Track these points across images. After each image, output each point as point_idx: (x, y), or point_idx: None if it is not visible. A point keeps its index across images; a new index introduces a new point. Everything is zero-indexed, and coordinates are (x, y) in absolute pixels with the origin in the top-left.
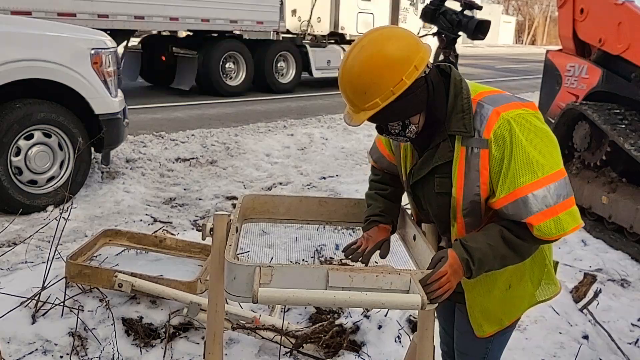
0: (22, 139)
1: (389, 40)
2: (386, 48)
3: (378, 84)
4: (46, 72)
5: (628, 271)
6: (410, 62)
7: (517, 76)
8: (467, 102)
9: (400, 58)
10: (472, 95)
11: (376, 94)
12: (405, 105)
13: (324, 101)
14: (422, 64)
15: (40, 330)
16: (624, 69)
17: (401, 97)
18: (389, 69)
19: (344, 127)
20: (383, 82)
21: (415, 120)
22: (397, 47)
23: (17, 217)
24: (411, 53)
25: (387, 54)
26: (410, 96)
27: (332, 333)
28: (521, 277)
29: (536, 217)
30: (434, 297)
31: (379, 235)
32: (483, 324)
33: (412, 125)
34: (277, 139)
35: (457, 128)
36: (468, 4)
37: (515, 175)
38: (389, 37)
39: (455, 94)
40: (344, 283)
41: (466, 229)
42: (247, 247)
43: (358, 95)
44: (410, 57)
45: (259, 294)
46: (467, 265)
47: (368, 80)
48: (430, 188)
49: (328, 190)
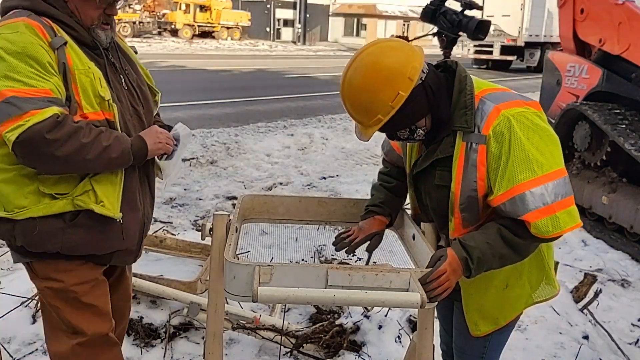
0: None
1: (379, 57)
2: (380, 65)
3: (376, 101)
4: None
5: (628, 271)
6: (403, 74)
7: (518, 76)
8: (470, 98)
9: (393, 73)
10: (476, 92)
11: (376, 111)
12: (407, 114)
13: (324, 101)
14: (416, 74)
15: (41, 330)
16: (624, 69)
17: (401, 108)
18: (384, 86)
19: (344, 127)
20: (380, 99)
21: (421, 124)
22: (388, 63)
23: None
24: (402, 66)
25: (380, 71)
26: (411, 105)
27: (332, 333)
28: (519, 276)
29: (533, 214)
30: (434, 295)
31: (372, 226)
32: (479, 322)
33: (419, 129)
34: (278, 139)
35: (459, 123)
36: (468, 4)
37: (514, 172)
38: (378, 54)
39: (460, 90)
40: (343, 282)
41: (463, 224)
42: (247, 247)
43: (360, 114)
44: (402, 70)
45: (258, 293)
46: (466, 264)
47: (366, 99)
48: (431, 180)
49: (328, 190)
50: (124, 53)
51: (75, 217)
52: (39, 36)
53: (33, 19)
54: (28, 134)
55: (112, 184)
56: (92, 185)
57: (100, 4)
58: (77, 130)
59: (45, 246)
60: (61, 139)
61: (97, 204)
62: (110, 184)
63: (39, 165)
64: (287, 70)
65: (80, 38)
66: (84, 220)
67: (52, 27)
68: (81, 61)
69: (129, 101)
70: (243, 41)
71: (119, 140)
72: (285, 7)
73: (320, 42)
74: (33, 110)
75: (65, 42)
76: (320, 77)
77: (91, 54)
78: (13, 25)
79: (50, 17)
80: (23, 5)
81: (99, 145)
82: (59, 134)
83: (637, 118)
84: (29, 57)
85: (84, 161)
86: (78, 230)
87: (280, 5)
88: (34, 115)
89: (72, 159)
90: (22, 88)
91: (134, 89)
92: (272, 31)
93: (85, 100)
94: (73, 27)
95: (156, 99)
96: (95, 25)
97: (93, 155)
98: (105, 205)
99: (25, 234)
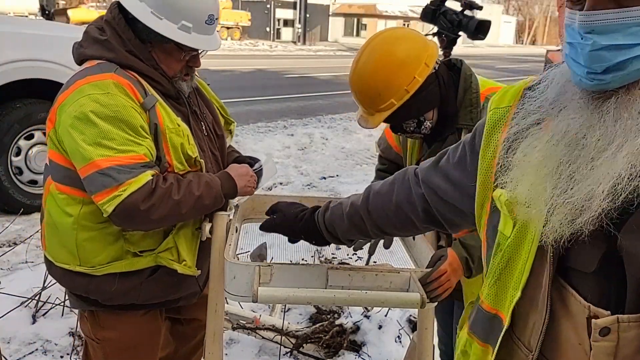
0: (22, 139)
1: (397, 40)
2: (396, 48)
3: (392, 84)
4: (47, 72)
5: None
6: (420, 59)
7: (518, 76)
8: (476, 97)
9: (411, 57)
10: (481, 90)
11: (391, 94)
12: (419, 102)
13: (324, 101)
14: (432, 61)
15: (41, 330)
16: None
17: (415, 94)
18: (401, 69)
19: (344, 127)
20: (397, 81)
21: (429, 117)
22: (406, 47)
23: (17, 217)
24: (420, 51)
25: (398, 54)
26: (424, 93)
27: (332, 333)
28: None
29: None
30: (434, 295)
31: None
32: None
33: (427, 122)
34: (278, 139)
35: (465, 121)
36: (468, 4)
37: None
38: (396, 37)
39: (465, 88)
40: (343, 282)
41: None
42: (247, 247)
43: (372, 97)
44: (419, 55)
45: (259, 293)
46: (466, 264)
47: (382, 81)
48: None
49: (328, 191)
50: (200, 92)
51: (154, 271)
52: (130, 97)
53: (121, 75)
54: (124, 205)
55: (191, 239)
56: (175, 242)
57: (185, 57)
58: (167, 190)
59: (122, 300)
60: (156, 204)
61: (180, 263)
62: (189, 239)
63: (135, 229)
64: (287, 70)
65: (165, 91)
66: (163, 275)
67: (141, 84)
68: (171, 119)
69: (209, 149)
70: (243, 41)
71: (210, 186)
72: (285, 7)
73: (320, 42)
74: (130, 179)
75: (156, 101)
76: (320, 77)
77: (175, 104)
78: (101, 84)
79: (137, 72)
80: (107, 57)
81: (192, 198)
82: (153, 200)
83: None
84: (122, 122)
85: (179, 215)
86: (157, 283)
87: (280, 5)
88: (129, 184)
89: (168, 218)
90: (117, 156)
91: (212, 133)
92: (272, 31)
93: (176, 159)
94: (159, 81)
95: (230, 128)
96: (178, 77)
97: (187, 208)
98: (187, 264)
99: (102, 290)
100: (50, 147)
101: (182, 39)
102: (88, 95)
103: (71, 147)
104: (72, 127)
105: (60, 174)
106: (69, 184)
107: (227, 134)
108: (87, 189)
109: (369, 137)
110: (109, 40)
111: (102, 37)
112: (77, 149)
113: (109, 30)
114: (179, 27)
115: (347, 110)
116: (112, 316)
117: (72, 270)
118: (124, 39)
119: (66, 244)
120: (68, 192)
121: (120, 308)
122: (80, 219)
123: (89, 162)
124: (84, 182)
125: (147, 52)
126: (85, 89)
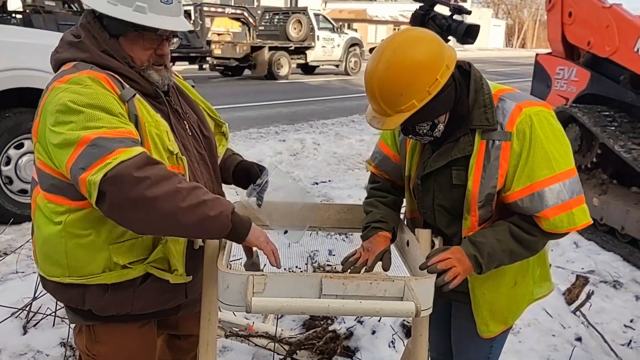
0: (12, 148)
1: (419, 42)
2: (418, 49)
3: (415, 85)
4: (37, 81)
5: (620, 272)
6: (442, 61)
7: (508, 79)
8: (489, 97)
9: (433, 58)
10: (493, 91)
11: (413, 95)
12: (438, 104)
13: (315, 106)
14: (452, 63)
15: (32, 340)
16: (612, 71)
17: (436, 96)
18: (424, 70)
19: (336, 132)
20: (420, 82)
21: (442, 119)
22: (428, 48)
23: (7, 227)
24: (441, 52)
25: (421, 55)
26: (443, 95)
27: (325, 339)
28: (525, 274)
29: (551, 210)
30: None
31: (378, 245)
32: (490, 323)
33: (440, 124)
34: (270, 145)
35: (480, 122)
36: (457, 9)
37: (533, 169)
38: (418, 39)
39: (476, 90)
40: (337, 291)
41: (479, 222)
42: (240, 254)
43: (393, 98)
44: (441, 57)
45: (252, 304)
46: (475, 260)
47: (405, 81)
48: (446, 180)
49: (321, 196)
50: (182, 93)
51: (145, 279)
52: (107, 89)
53: (97, 71)
54: (115, 171)
55: (182, 245)
56: (164, 252)
57: (150, 45)
58: (173, 175)
59: (116, 309)
60: (152, 178)
61: (172, 272)
62: (179, 247)
63: (124, 212)
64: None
65: (142, 90)
66: (155, 281)
67: (118, 80)
68: (149, 114)
69: (194, 148)
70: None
71: (220, 201)
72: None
73: None
74: (120, 148)
75: (134, 94)
76: (312, 83)
77: (155, 103)
78: (78, 79)
79: (113, 71)
80: (81, 58)
81: (196, 197)
82: (149, 172)
83: (626, 120)
84: (103, 110)
85: (175, 210)
86: (150, 290)
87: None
88: (121, 152)
89: (163, 206)
90: (107, 130)
91: (197, 133)
92: None
93: (157, 154)
94: (135, 80)
95: (223, 130)
96: (146, 66)
97: (187, 204)
98: (178, 272)
99: (95, 299)
100: (38, 157)
101: (138, 19)
102: (65, 89)
103: (59, 141)
104: (56, 123)
105: (48, 182)
106: (55, 192)
107: (221, 137)
108: (79, 168)
109: (361, 142)
110: (82, 41)
111: (76, 40)
112: (65, 140)
113: (84, 32)
114: (134, 9)
115: (338, 115)
116: (107, 330)
117: (62, 283)
118: (99, 39)
119: (55, 255)
120: (54, 201)
121: (116, 320)
122: (67, 226)
123: (79, 141)
124: (74, 166)
125: (122, 51)
126: (62, 86)
